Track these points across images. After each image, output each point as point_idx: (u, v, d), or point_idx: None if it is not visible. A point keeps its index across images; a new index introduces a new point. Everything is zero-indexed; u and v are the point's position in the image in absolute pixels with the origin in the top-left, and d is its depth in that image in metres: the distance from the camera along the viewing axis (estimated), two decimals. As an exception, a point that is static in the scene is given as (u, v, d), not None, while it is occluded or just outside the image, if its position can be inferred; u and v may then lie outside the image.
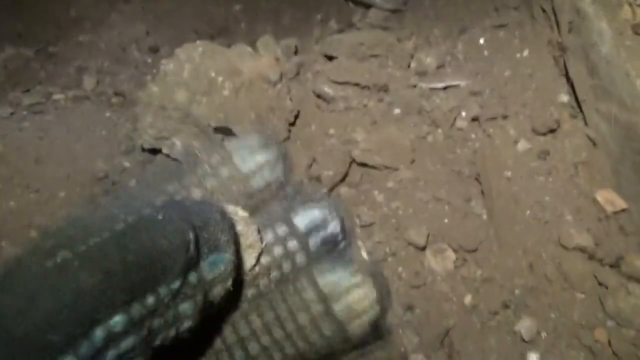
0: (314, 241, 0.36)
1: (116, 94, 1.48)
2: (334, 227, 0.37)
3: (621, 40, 0.87)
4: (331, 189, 1.11)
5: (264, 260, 0.36)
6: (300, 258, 0.35)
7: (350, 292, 0.35)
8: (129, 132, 1.35)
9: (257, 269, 0.35)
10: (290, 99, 1.27)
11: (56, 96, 1.42)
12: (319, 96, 1.29)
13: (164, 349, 0.27)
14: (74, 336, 0.24)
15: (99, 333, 0.25)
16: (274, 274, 0.36)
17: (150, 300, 0.27)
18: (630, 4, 0.90)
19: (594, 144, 0.97)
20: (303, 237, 0.35)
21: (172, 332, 0.27)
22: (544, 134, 1.02)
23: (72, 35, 1.66)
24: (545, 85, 1.12)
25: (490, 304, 0.86)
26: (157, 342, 0.27)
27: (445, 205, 1.01)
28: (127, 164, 1.23)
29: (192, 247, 0.30)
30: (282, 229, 0.36)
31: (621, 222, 0.88)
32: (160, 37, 1.67)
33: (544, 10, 1.20)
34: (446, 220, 0.98)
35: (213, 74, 1.19)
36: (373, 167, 1.12)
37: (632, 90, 0.83)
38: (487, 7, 1.39)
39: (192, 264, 0.29)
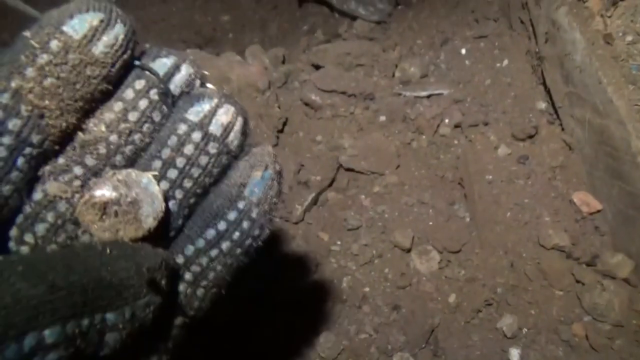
0: (173, 85, 0.40)
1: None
2: (186, 69, 0.41)
3: (593, 50, 0.92)
4: (319, 194, 1.13)
5: (132, 116, 0.38)
6: (166, 104, 0.39)
7: (216, 113, 0.40)
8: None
9: (126, 125, 0.37)
10: (279, 107, 1.30)
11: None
12: (306, 104, 1.32)
13: None
14: (4, 338, 0.26)
15: (29, 340, 0.27)
16: (147, 126, 0.39)
17: (86, 322, 0.29)
18: (602, 15, 0.95)
19: (570, 148, 1.01)
20: (163, 85, 0.39)
21: (89, 354, 0.30)
22: (523, 140, 1.07)
23: (60, 44, 1.68)
24: (524, 93, 1.17)
25: (473, 302, 0.89)
26: None
27: (430, 209, 1.04)
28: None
29: (145, 291, 0.33)
30: (140, 83, 0.38)
31: (596, 223, 0.92)
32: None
33: (522, 22, 1.26)
34: (430, 223, 1.01)
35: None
36: (360, 172, 1.15)
37: (603, 96, 0.87)
38: (468, 19, 1.45)
39: (131, 299, 0.32)
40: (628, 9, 0.93)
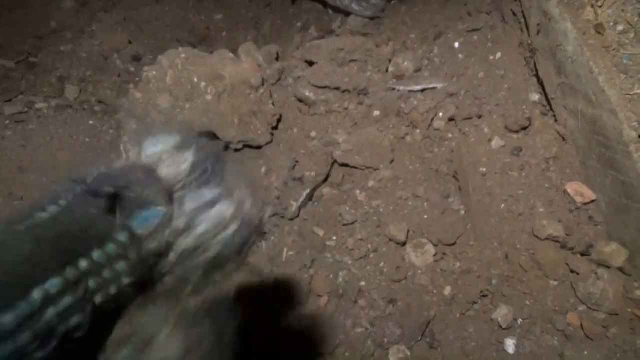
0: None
1: (99, 102, 1.49)
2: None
3: (585, 40, 0.92)
4: (314, 190, 1.13)
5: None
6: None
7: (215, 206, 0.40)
8: (113, 139, 1.36)
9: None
10: (273, 103, 1.29)
11: (39, 105, 1.42)
12: (300, 100, 1.32)
13: (111, 304, 0.31)
14: (13, 298, 0.28)
15: (36, 294, 0.29)
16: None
17: (84, 263, 0.31)
18: (592, 5, 0.95)
19: (564, 139, 1.01)
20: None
21: (112, 289, 0.31)
22: (517, 132, 1.06)
23: (53, 45, 1.67)
24: (517, 85, 1.17)
25: (468, 294, 0.89)
26: (99, 299, 0.31)
27: (425, 202, 1.04)
28: (111, 170, 1.24)
29: (107, 215, 0.34)
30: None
31: (590, 213, 0.92)
32: (142, 46, 1.69)
33: (514, 14, 1.25)
34: (425, 217, 1.01)
35: (196, 80, 1.21)
36: (354, 167, 1.15)
37: (595, 86, 0.87)
38: (461, 12, 1.44)
39: (116, 226, 0.33)
40: (618, -2, 0.93)
